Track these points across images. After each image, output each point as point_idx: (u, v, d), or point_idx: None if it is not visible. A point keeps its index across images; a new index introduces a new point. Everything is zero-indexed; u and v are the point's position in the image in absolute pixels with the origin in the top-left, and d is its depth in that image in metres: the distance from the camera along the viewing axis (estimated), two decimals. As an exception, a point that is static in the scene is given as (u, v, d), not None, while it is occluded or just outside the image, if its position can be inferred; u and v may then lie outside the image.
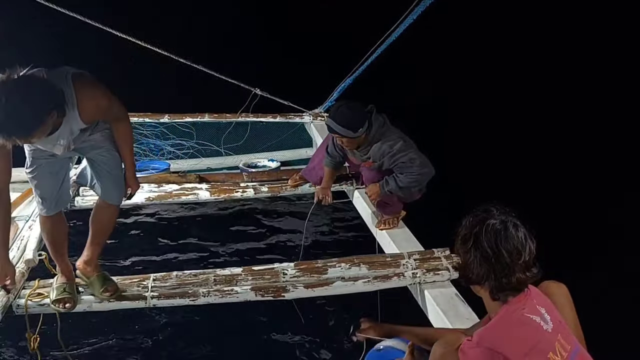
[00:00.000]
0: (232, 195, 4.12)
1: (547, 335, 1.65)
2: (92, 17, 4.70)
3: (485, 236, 1.67)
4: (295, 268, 2.95)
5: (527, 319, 1.65)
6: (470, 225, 1.71)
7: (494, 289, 1.68)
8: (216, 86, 5.27)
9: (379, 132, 3.30)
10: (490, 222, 1.68)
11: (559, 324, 1.70)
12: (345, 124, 3.25)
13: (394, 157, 3.23)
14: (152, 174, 4.47)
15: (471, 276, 1.71)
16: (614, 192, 5.11)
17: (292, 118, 5.51)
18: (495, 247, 1.65)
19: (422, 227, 3.48)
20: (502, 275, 1.65)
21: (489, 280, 1.68)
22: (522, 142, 6.49)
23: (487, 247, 1.66)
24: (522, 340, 1.62)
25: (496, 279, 1.66)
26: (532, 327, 1.65)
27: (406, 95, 7.14)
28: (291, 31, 8.80)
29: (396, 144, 3.24)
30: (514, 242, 1.66)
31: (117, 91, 5.58)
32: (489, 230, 1.67)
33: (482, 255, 1.66)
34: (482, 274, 1.68)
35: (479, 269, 1.68)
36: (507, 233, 1.66)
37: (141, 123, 5.32)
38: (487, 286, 1.70)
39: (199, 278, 2.86)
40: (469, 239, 1.70)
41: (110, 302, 2.73)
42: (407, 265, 2.98)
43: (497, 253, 1.65)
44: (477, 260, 1.67)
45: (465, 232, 1.72)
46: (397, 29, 4.38)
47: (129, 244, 4.57)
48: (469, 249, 1.70)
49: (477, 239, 1.68)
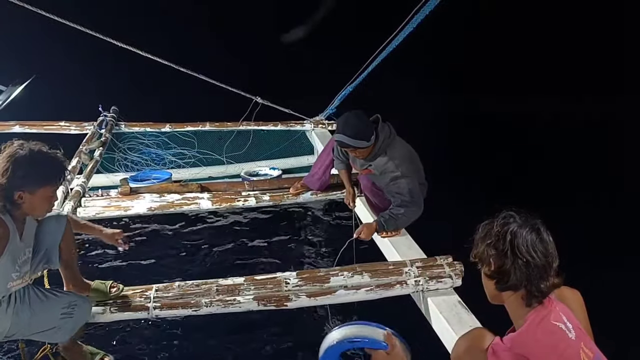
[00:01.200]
0: (234, 204, 4.12)
1: (572, 343, 1.66)
2: (91, 27, 4.72)
3: (522, 242, 1.66)
4: (298, 277, 2.95)
5: (554, 327, 1.66)
6: (500, 232, 1.70)
7: (529, 294, 1.68)
8: (217, 95, 5.29)
9: (385, 142, 3.30)
10: (521, 229, 1.68)
11: (579, 331, 1.71)
12: (356, 135, 3.24)
13: (396, 182, 3.25)
14: (153, 184, 4.47)
15: (507, 282, 1.69)
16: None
17: (293, 126, 5.52)
18: (534, 252, 1.65)
19: (424, 234, 3.47)
20: (539, 280, 1.66)
21: (527, 286, 1.67)
22: (523, 144, 6.51)
23: (526, 253, 1.65)
24: (551, 348, 1.63)
25: (533, 284, 1.66)
26: (559, 335, 1.66)
27: (407, 101, 7.16)
28: (292, 39, 8.83)
29: (400, 167, 3.25)
30: (548, 246, 1.67)
31: (119, 101, 5.64)
32: (525, 236, 1.66)
33: (522, 261, 1.65)
34: (521, 280, 1.67)
35: (518, 275, 1.66)
36: (541, 237, 1.67)
37: (143, 133, 5.34)
38: (523, 292, 1.69)
39: (201, 288, 2.85)
40: (503, 245, 1.68)
41: (112, 313, 2.73)
42: (409, 273, 2.97)
43: (536, 258, 1.65)
44: (515, 266, 1.66)
45: (497, 239, 1.69)
46: (398, 36, 4.38)
47: (131, 254, 4.55)
48: (504, 255, 1.67)
49: (513, 245, 1.66)
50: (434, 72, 8.07)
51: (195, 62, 5.21)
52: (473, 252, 1.79)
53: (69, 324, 2.51)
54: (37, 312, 2.44)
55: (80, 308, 2.54)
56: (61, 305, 2.50)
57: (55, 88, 6.78)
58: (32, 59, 7.19)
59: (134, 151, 5.31)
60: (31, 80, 5.45)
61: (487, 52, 8.46)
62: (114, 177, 4.95)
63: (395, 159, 3.26)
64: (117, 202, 4.02)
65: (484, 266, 1.75)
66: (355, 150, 3.33)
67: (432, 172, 3.46)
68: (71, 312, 2.49)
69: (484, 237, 1.74)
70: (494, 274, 1.72)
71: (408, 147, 3.40)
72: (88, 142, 4.78)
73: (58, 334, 2.53)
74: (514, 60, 8.38)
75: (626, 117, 7.11)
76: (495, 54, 8.40)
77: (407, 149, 3.39)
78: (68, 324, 2.51)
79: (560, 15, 8.72)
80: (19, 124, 5.08)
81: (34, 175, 2.31)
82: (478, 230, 1.77)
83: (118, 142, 5.25)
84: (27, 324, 2.43)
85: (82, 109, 5.48)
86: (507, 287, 1.71)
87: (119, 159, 5.25)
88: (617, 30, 8.62)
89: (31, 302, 2.44)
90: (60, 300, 2.51)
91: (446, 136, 6.51)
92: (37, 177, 2.32)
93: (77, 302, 2.54)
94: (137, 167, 5.25)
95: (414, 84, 7.65)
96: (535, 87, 7.93)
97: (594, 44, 8.36)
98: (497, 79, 7.77)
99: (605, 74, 8.01)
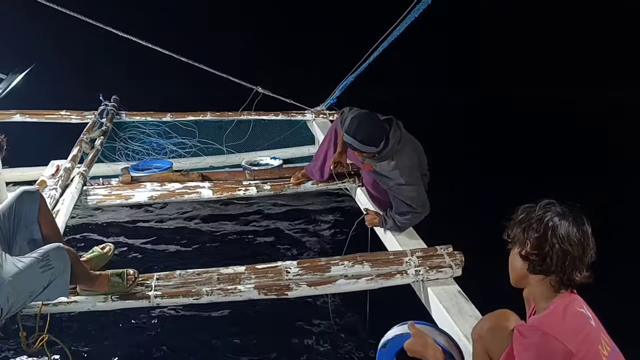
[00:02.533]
0: (235, 194, 4.12)
1: (594, 329, 1.69)
2: (92, 16, 4.70)
3: (564, 230, 1.67)
4: (299, 266, 2.96)
5: (579, 312, 1.69)
6: (542, 217, 1.70)
7: (560, 281, 1.70)
8: (218, 84, 5.28)
9: (394, 149, 3.23)
10: (563, 218, 1.69)
11: (599, 323, 1.74)
12: (366, 141, 3.17)
13: (399, 188, 3.23)
14: (154, 173, 4.47)
15: (542, 265, 1.71)
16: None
17: (294, 116, 5.50)
18: (573, 243, 1.67)
19: (424, 224, 3.48)
20: (573, 269, 1.68)
21: (560, 274, 1.69)
22: (522, 140, 6.51)
23: (566, 241, 1.66)
24: (576, 329, 1.65)
25: (567, 273, 1.68)
26: (584, 319, 1.69)
27: (408, 92, 7.15)
28: (293, 28, 8.80)
29: (405, 175, 3.20)
30: (588, 239, 1.69)
31: (120, 90, 5.64)
32: (567, 225, 1.68)
33: (561, 248, 1.67)
34: (557, 265, 1.68)
35: (555, 260, 1.68)
36: (582, 229, 1.69)
37: (144, 122, 5.33)
38: (554, 277, 1.71)
39: (202, 277, 2.86)
40: (544, 229, 1.69)
41: (114, 302, 2.74)
42: (410, 263, 2.98)
43: (574, 248, 1.67)
44: (553, 250, 1.67)
45: (538, 223, 1.70)
46: (400, 26, 4.37)
47: (132, 243, 4.58)
48: (544, 239, 1.68)
49: (555, 231, 1.67)
50: (435, 65, 8.06)
51: (196, 51, 5.20)
52: (508, 232, 1.79)
53: (55, 272, 2.48)
54: (17, 278, 2.42)
55: (54, 254, 2.49)
56: (37, 266, 2.45)
57: (56, 77, 6.77)
58: (33, 48, 7.17)
59: (135, 140, 5.31)
60: (31, 69, 5.43)
61: (486, 48, 8.45)
62: (115, 166, 4.95)
63: (400, 168, 3.20)
64: (118, 191, 4.02)
65: (519, 247, 1.75)
66: (361, 153, 3.30)
67: (433, 164, 3.46)
68: (48, 264, 2.46)
69: (523, 219, 1.75)
70: (530, 254, 1.72)
71: (416, 148, 3.35)
72: (89, 131, 4.78)
73: (56, 289, 2.52)
74: (515, 55, 8.36)
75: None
76: (495, 49, 8.39)
77: (416, 153, 3.33)
78: (55, 273, 2.48)
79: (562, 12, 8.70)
80: (19, 113, 5.07)
81: None
82: (517, 212, 1.78)
83: (119, 131, 5.24)
84: (14, 292, 2.43)
85: (83, 98, 5.47)
86: (540, 270, 1.72)
87: (120, 148, 5.25)
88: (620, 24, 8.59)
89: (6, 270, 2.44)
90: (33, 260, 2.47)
91: (447, 129, 6.52)
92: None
93: (48, 253, 2.49)
94: (138, 157, 5.25)
95: (415, 75, 7.65)
96: (535, 83, 7.92)
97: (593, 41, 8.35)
98: (496, 75, 7.76)
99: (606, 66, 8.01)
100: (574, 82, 7.58)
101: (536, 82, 7.87)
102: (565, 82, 7.68)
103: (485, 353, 1.91)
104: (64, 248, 2.53)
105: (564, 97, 7.37)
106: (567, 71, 7.92)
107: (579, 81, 7.52)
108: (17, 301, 2.47)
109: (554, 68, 8.16)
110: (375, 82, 5.64)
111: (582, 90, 7.39)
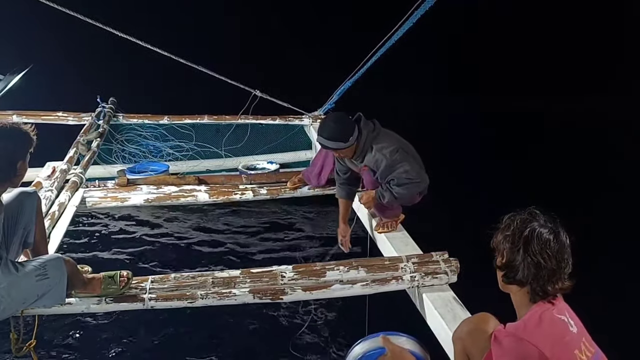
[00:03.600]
0: (231, 197, 4.12)
1: (573, 334, 1.70)
2: (90, 17, 4.70)
3: (537, 242, 1.68)
4: (294, 271, 2.94)
5: (557, 318, 1.70)
6: (520, 227, 1.72)
7: (534, 292, 1.71)
8: (216, 88, 5.28)
9: (369, 137, 3.28)
10: (542, 229, 1.70)
11: (582, 328, 1.75)
12: (334, 137, 3.25)
13: (391, 167, 3.22)
14: (151, 176, 4.47)
15: (514, 277, 1.73)
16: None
17: (291, 120, 5.51)
18: (546, 255, 1.68)
19: (420, 230, 3.48)
20: (548, 282, 1.69)
21: (533, 284, 1.70)
22: (521, 143, 6.53)
23: (538, 254, 1.68)
24: (551, 334, 1.66)
25: (540, 285, 1.70)
26: (561, 325, 1.70)
27: (404, 98, 7.17)
28: (291, 33, 8.82)
29: (392, 155, 3.21)
30: (564, 252, 1.70)
31: (117, 92, 5.63)
32: (541, 237, 1.69)
33: (532, 261, 1.68)
34: (528, 278, 1.70)
35: (526, 272, 1.70)
36: (558, 241, 1.70)
37: (140, 125, 5.33)
38: (529, 289, 1.72)
39: (197, 280, 2.84)
40: (518, 241, 1.71)
41: (108, 304, 2.72)
42: (405, 269, 2.97)
43: (547, 261, 1.68)
44: (525, 263, 1.69)
45: (514, 234, 1.72)
46: (397, 32, 4.38)
47: (127, 246, 4.57)
48: (517, 251, 1.71)
49: (528, 244, 1.69)
50: (433, 71, 8.07)
51: (195, 54, 5.20)
52: (493, 240, 1.81)
53: (51, 283, 2.50)
54: (13, 284, 2.44)
55: (51, 264, 2.51)
56: (33, 273, 2.48)
57: (54, 78, 6.77)
58: (31, 49, 7.16)
59: (132, 143, 5.30)
60: (29, 70, 5.42)
61: (486, 51, 8.47)
62: (112, 169, 4.94)
63: (382, 150, 3.24)
64: (114, 194, 4.01)
65: (498, 256, 1.78)
66: (337, 151, 3.33)
67: (429, 170, 3.46)
68: (45, 273, 2.48)
69: (504, 228, 1.77)
70: (503, 266, 1.75)
71: (396, 136, 3.37)
72: (86, 133, 4.76)
73: (51, 300, 2.54)
74: (515, 59, 8.39)
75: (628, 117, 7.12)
76: (496, 53, 8.41)
77: (394, 138, 3.35)
78: (51, 284, 2.50)
79: (562, 13, 8.73)
80: (16, 114, 5.05)
81: (20, 144, 2.45)
82: (503, 220, 1.80)
83: (116, 133, 5.23)
84: (8, 297, 2.44)
85: (80, 100, 5.47)
86: (513, 281, 1.74)
87: (117, 151, 5.24)
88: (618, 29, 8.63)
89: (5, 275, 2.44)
90: (31, 268, 2.49)
91: (444, 135, 6.53)
92: (23, 145, 2.47)
93: (46, 263, 2.51)
94: (134, 159, 5.24)
95: (412, 81, 7.66)
96: (536, 87, 7.95)
97: (595, 44, 8.38)
98: (497, 78, 7.78)
99: (606, 74, 8.03)
100: (574, 86, 7.61)
101: (536, 88, 7.89)
102: (566, 87, 7.71)
103: (465, 355, 1.93)
104: (62, 259, 2.55)
105: (564, 104, 7.40)
106: (567, 73, 7.95)
107: (579, 83, 7.56)
108: (9, 307, 2.46)
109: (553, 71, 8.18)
110: (373, 86, 5.65)
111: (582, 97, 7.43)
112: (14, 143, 2.42)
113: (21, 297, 2.48)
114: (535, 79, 8.11)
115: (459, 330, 1.89)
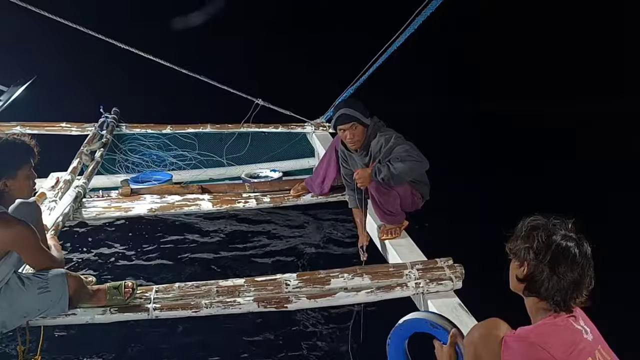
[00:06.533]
0: (235, 206, 4.12)
1: (588, 342, 1.68)
2: (93, 28, 4.72)
3: (564, 259, 1.66)
4: (298, 279, 2.94)
5: (572, 326, 1.69)
6: (545, 241, 1.68)
7: (554, 304, 1.69)
8: (218, 97, 5.29)
9: (375, 127, 3.42)
10: (567, 242, 1.68)
11: (598, 337, 1.73)
12: (357, 109, 3.39)
13: (391, 148, 3.27)
14: (154, 185, 4.47)
15: (537, 290, 1.70)
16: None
17: (294, 128, 5.51)
18: (572, 271, 1.66)
19: (424, 237, 3.47)
20: (568, 296, 1.67)
21: (556, 298, 1.68)
22: (523, 145, 6.51)
23: (563, 271, 1.66)
24: (565, 340, 1.64)
25: (562, 298, 1.68)
26: (576, 332, 1.68)
27: (407, 104, 7.16)
28: (293, 41, 8.84)
29: (396, 139, 3.32)
30: (589, 266, 1.69)
31: (120, 102, 5.64)
32: (568, 253, 1.66)
33: (559, 279, 1.66)
34: (552, 292, 1.68)
35: (550, 287, 1.67)
36: (583, 255, 1.68)
37: (144, 134, 5.34)
38: (550, 301, 1.70)
39: (201, 289, 2.84)
40: (544, 257, 1.67)
41: (112, 314, 2.72)
42: (410, 276, 2.96)
43: (573, 277, 1.66)
44: (550, 280, 1.67)
45: (539, 247, 1.68)
46: (399, 39, 4.38)
47: (131, 255, 4.57)
48: (543, 266, 1.67)
49: (555, 261, 1.66)
50: (434, 73, 8.07)
51: (197, 63, 5.22)
52: (510, 245, 1.78)
53: (53, 297, 2.51)
54: (15, 299, 2.45)
55: (53, 279, 2.53)
56: (36, 286, 2.50)
57: (57, 89, 6.79)
58: (34, 60, 7.19)
59: (135, 152, 5.32)
60: (32, 81, 5.45)
61: (488, 54, 8.46)
62: (115, 179, 4.95)
63: (386, 134, 3.35)
64: (117, 203, 4.02)
65: (518, 264, 1.75)
66: (356, 128, 3.37)
67: (433, 174, 3.45)
68: (46, 286, 2.50)
69: (526, 237, 1.73)
70: (525, 278, 1.72)
71: (400, 134, 3.44)
72: (89, 143, 4.78)
73: (55, 308, 2.55)
74: (516, 62, 8.38)
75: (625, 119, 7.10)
76: (497, 55, 8.41)
77: (398, 134, 3.42)
78: (52, 298, 2.51)
79: (562, 16, 8.73)
80: (20, 125, 5.08)
81: (6, 160, 2.47)
82: (522, 225, 1.76)
83: (119, 143, 5.25)
84: (9, 308, 2.45)
85: (83, 110, 5.49)
86: (535, 294, 1.72)
87: (120, 160, 5.26)
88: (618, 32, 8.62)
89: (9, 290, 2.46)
90: (35, 279, 2.53)
91: (447, 137, 6.51)
92: (10, 161, 2.48)
93: (49, 277, 2.52)
94: (137, 169, 5.25)
95: (415, 84, 7.66)
96: (537, 89, 7.92)
97: (595, 46, 8.37)
98: (498, 80, 7.77)
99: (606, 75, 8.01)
100: (574, 87, 7.59)
101: (536, 91, 7.87)
102: (565, 92, 7.70)
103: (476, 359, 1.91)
104: (65, 275, 2.55)
105: (564, 107, 7.38)
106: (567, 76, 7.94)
107: (579, 85, 7.54)
108: (11, 320, 2.46)
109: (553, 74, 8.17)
110: (376, 93, 5.65)
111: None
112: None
113: (23, 310, 2.48)
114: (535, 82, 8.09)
115: (470, 335, 1.88)
